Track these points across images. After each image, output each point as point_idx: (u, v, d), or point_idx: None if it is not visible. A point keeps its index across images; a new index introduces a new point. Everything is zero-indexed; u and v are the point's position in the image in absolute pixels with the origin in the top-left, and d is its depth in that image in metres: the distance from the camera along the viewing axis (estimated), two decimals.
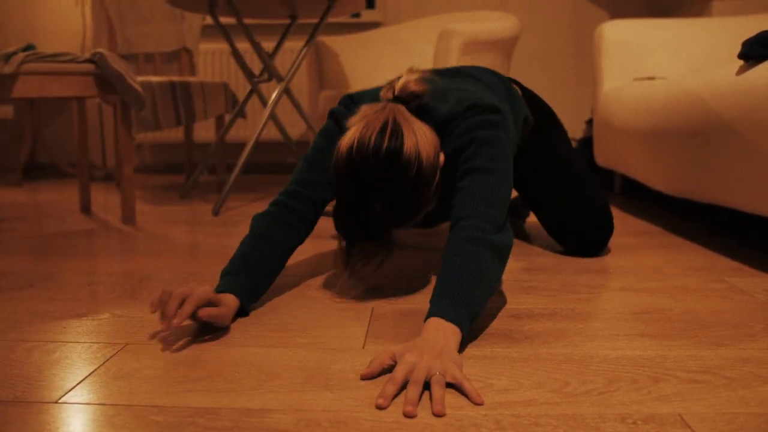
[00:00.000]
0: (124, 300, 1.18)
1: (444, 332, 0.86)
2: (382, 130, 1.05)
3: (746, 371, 0.84)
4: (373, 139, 1.04)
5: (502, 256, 1.02)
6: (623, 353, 0.91)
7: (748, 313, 1.09)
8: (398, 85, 1.15)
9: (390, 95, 1.16)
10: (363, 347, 0.94)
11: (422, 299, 1.18)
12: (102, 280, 1.32)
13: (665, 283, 1.28)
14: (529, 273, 1.37)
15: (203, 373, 0.84)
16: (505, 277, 1.34)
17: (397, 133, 1.04)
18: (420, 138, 1.07)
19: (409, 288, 1.26)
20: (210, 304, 0.98)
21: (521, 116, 1.42)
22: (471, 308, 0.91)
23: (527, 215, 1.91)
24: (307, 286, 1.28)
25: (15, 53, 1.79)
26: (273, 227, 1.16)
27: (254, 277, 1.09)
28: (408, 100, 1.15)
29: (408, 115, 1.10)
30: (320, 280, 1.32)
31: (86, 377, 0.83)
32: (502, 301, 1.17)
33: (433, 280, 1.32)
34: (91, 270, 1.42)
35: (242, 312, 1.08)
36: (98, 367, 0.86)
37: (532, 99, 1.58)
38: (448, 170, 1.15)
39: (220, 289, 1.04)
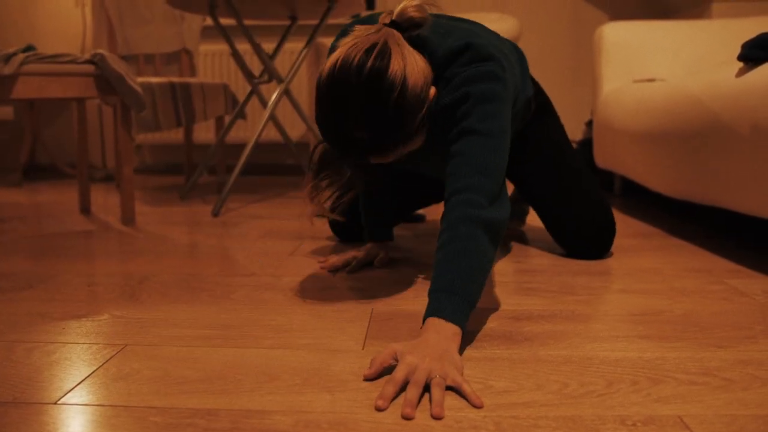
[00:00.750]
0: (124, 301, 1.18)
1: (445, 333, 0.86)
2: (369, 49, 1.01)
3: (746, 373, 0.84)
4: (358, 57, 1.00)
5: (498, 233, 1.00)
6: (623, 355, 0.91)
7: (747, 314, 1.09)
8: (397, 10, 1.09)
9: (387, 20, 1.09)
10: (363, 348, 0.94)
11: (422, 301, 1.18)
12: (101, 281, 1.32)
13: (664, 284, 1.28)
14: (529, 274, 1.37)
15: (202, 375, 0.84)
16: (504, 278, 1.34)
17: (384, 54, 1.00)
18: (409, 63, 1.02)
19: (409, 289, 1.26)
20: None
21: (529, 94, 1.41)
22: (471, 300, 0.92)
23: (526, 213, 1.90)
24: (307, 287, 1.28)
25: (15, 54, 1.79)
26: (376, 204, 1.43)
27: (385, 223, 1.46)
28: (406, 27, 1.09)
29: (401, 41, 1.05)
30: (319, 281, 1.32)
31: (85, 378, 0.83)
32: (502, 302, 1.17)
33: None
34: (91, 271, 1.41)
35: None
36: (97, 368, 0.86)
37: (535, 84, 1.56)
38: (443, 121, 1.12)
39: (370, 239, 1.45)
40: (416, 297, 1.20)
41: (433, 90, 1.09)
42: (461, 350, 0.91)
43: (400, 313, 1.11)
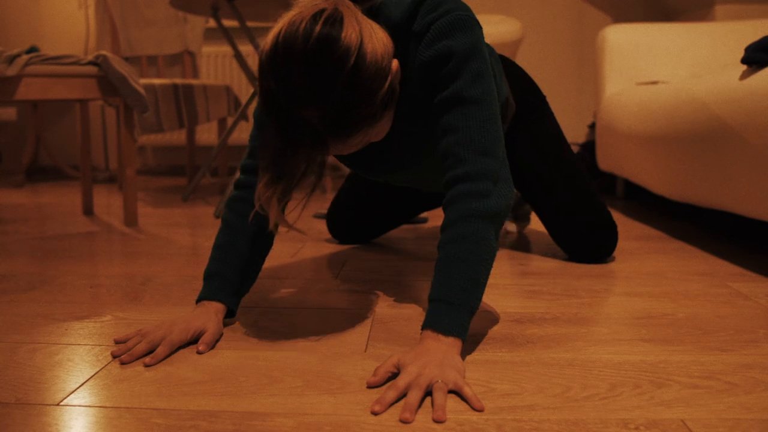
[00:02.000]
0: (126, 302, 1.18)
1: (444, 344, 0.84)
2: (316, 15, 0.85)
3: (749, 377, 0.84)
4: (303, 24, 0.84)
5: (502, 219, 0.95)
6: (625, 358, 0.91)
7: (750, 318, 1.08)
8: None
9: None
10: (365, 351, 0.94)
11: (424, 305, 1.18)
12: (104, 283, 1.32)
13: (668, 288, 1.28)
14: (531, 277, 1.37)
15: (205, 377, 0.84)
16: (506, 281, 1.34)
17: (334, 19, 0.84)
18: (365, 29, 0.87)
19: (411, 291, 1.26)
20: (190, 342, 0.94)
21: (504, 95, 1.31)
22: (471, 308, 0.88)
23: (528, 213, 1.89)
24: (308, 290, 1.28)
25: (18, 55, 1.79)
26: (244, 217, 1.07)
27: (235, 276, 1.03)
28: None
29: (355, 8, 0.90)
30: (321, 284, 1.32)
31: (88, 379, 0.83)
32: (505, 305, 1.17)
33: None
34: (94, 272, 1.42)
35: (229, 314, 1.04)
36: (100, 370, 0.86)
37: (520, 78, 1.46)
38: (424, 84, 1.00)
39: (202, 296, 1.02)
40: (418, 300, 1.20)
41: (395, 63, 0.93)
42: (463, 353, 0.91)
43: (402, 316, 1.10)
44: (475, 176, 0.93)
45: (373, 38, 0.88)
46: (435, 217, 2.15)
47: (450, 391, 0.78)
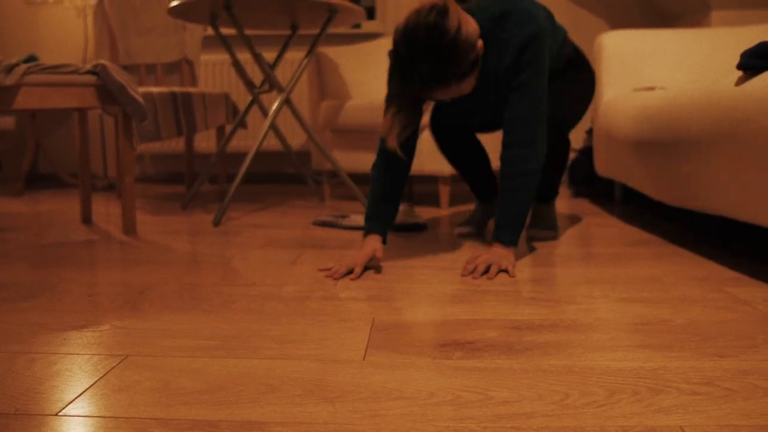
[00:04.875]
0: (125, 311, 1.18)
1: (505, 250, 1.49)
2: (432, 8, 1.34)
3: (747, 382, 0.84)
4: (423, 13, 1.34)
5: (539, 170, 1.51)
6: (624, 365, 0.91)
7: (748, 323, 1.08)
8: None
9: None
10: (363, 359, 0.94)
11: (423, 311, 1.18)
12: (103, 291, 1.32)
13: (666, 293, 1.28)
14: (530, 284, 1.37)
15: (203, 386, 0.84)
16: (505, 288, 1.34)
17: (443, 11, 1.34)
18: (462, 18, 1.37)
19: (410, 299, 1.26)
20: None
21: (560, 37, 1.74)
22: (521, 229, 1.51)
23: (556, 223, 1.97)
24: (308, 297, 1.28)
25: (17, 65, 1.80)
26: (387, 171, 1.55)
27: (387, 216, 1.56)
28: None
29: (456, 5, 1.38)
30: (320, 291, 1.32)
31: (87, 389, 0.83)
32: (503, 312, 1.17)
33: (434, 290, 1.32)
34: (92, 281, 1.42)
35: (384, 240, 1.55)
36: (99, 379, 0.86)
37: (572, 50, 1.83)
38: (507, 77, 1.53)
39: (366, 233, 1.55)
40: (416, 307, 1.20)
41: (480, 42, 1.43)
42: (460, 361, 0.91)
43: (400, 323, 1.11)
44: (522, 144, 1.51)
45: (466, 23, 1.38)
46: (432, 225, 2.15)
47: (501, 271, 1.44)
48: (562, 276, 1.44)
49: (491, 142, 2.55)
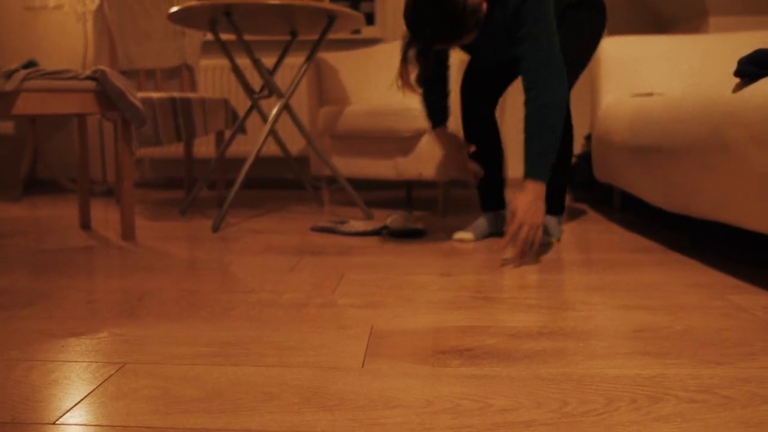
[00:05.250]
0: (123, 318, 1.18)
1: (538, 188, 1.63)
2: None
3: (746, 390, 0.84)
4: None
5: (562, 101, 1.63)
6: (622, 372, 0.91)
7: (747, 331, 1.08)
8: None
9: None
10: (362, 366, 0.94)
11: (421, 319, 1.18)
12: (101, 298, 1.32)
13: (665, 300, 1.28)
14: (529, 290, 1.37)
15: (201, 394, 0.84)
16: (504, 294, 1.34)
17: None
18: None
19: (408, 305, 1.26)
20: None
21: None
22: (549, 162, 1.63)
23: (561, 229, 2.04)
24: (307, 304, 1.28)
25: (16, 70, 1.80)
26: (431, 95, 1.93)
27: (443, 115, 1.96)
28: None
29: None
30: (319, 298, 1.32)
31: (84, 398, 0.83)
32: (502, 319, 1.17)
33: (433, 297, 1.32)
34: (91, 287, 1.42)
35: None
36: (96, 387, 0.86)
37: None
38: (509, 27, 1.71)
39: (435, 126, 1.96)
40: (415, 314, 1.20)
41: (484, 5, 1.63)
42: (459, 368, 0.91)
43: (399, 330, 1.11)
44: (541, 84, 1.64)
45: None
46: (432, 231, 2.16)
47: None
48: (562, 282, 1.44)
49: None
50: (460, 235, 1.96)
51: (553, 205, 2.01)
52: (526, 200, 1.61)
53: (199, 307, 1.26)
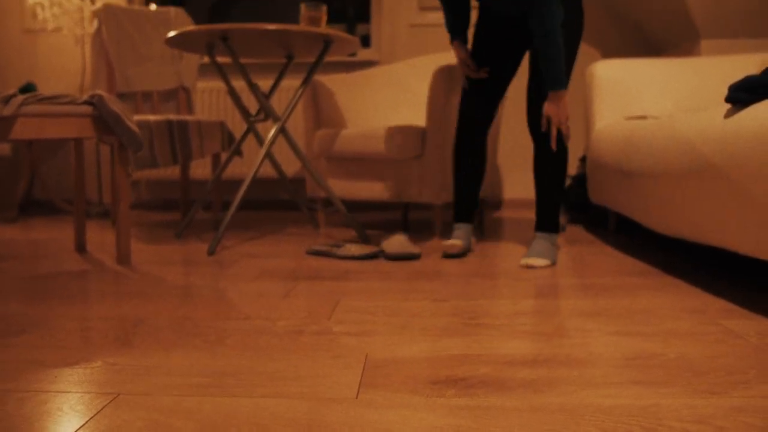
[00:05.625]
0: (118, 347, 1.18)
1: (558, 95, 1.92)
2: None
3: (740, 421, 0.84)
4: None
5: (558, 26, 1.87)
6: (617, 402, 0.91)
7: (741, 357, 1.09)
8: None
9: None
10: (356, 397, 0.93)
11: (416, 346, 1.18)
12: (95, 326, 1.32)
13: (658, 326, 1.28)
14: (523, 316, 1.37)
15: (194, 426, 0.84)
16: (498, 320, 1.34)
17: None
18: None
19: (403, 332, 1.26)
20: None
21: None
22: (561, 72, 1.89)
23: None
24: (302, 331, 1.28)
25: (14, 95, 1.81)
26: (452, 11, 2.19)
27: (462, 27, 2.21)
28: None
29: None
30: (314, 325, 1.32)
31: (77, 430, 0.82)
32: (496, 346, 1.17)
33: (427, 324, 1.32)
34: (85, 314, 1.41)
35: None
36: (89, 420, 0.86)
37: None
38: None
39: (453, 39, 2.21)
40: (410, 342, 1.20)
41: None
42: (453, 399, 0.91)
43: (393, 359, 1.10)
44: (535, 12, 1.85)
45: None
46: (426, 254, 2.16)
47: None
48: (556, 308, 1.44)
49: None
50: (448, 243, 2.06)
51: (547, 224, 2.08)
52: (551, 105, 1.94)
53: (194, 335, 1.25)
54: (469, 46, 2.85)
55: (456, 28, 2.21)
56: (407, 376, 1.02)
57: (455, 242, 2.06)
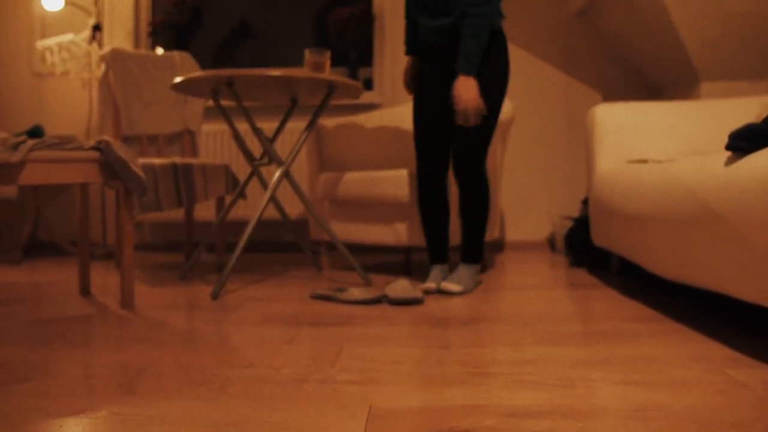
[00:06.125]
0: (121, 395, 1.18)
1: (467, 79, 2.10)
2: None
3: None
4: None
5: (489, 20, 2.11)
6: None
7: (747, 409, 1.08)
8: None
9: None
10: None
11: (420, 396, 1.18)
12: (99, 372, 1.32)
13: (664, 375, 1.28)
14: (526, 365, 1.37)
15: None
16: (500, 369, 1.34)
17: None
18: None
19: (407, 381, 1.25)
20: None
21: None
22: (476, 59, 2.10)
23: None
24: (306, 380, 1.27)
25: (23, 142, 1.83)
26: (411, 29, 2.44)
27: (415, 44, 2.44)
28: None
29: None
30: (318, 373, 1.32)
31: None
32: (499, 396, 1.16)
33: (431, 372, 1.31)
34: (88, 360, 1.41)
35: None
36: None
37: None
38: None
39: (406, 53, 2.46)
40: (414, 391, 1.20)
41: None
42: None
43: (397, 410, 1.10)
44: (474, 9, 2.09)
45: None
46: (431, 298, 2.16)
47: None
48: (560, 356, 1.43)
49: None
50: (424, 286, 2.23)
51: (469, 256, 2.30)
52: (460, 87, 2.10)
53: (198, 383, 1.25)
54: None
55: (412, 45, 2.43)
56: (412, 427, 1.02)
57: (430, 285, 2.23)
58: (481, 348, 1.51)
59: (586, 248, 2.96)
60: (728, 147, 1.46)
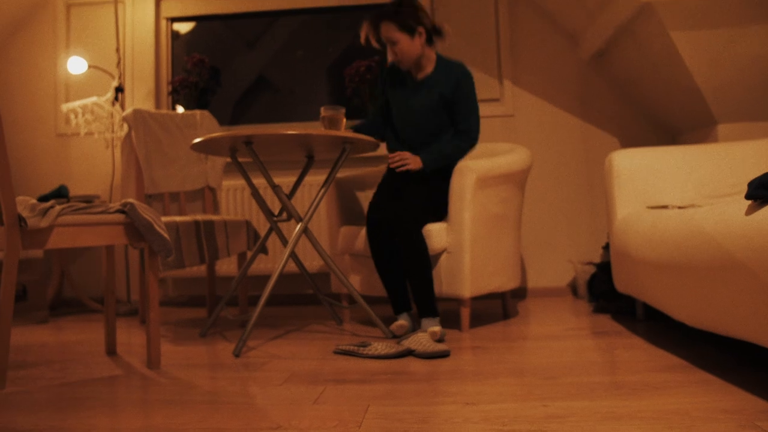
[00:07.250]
0: None
1: (419, 160, 2.52)
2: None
3: None
4: None
5: (468, 147, 2.57)
6: None
7: None
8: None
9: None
10: None
11: None
12: None
13: (694, 429, 1.26)
14: (555, 420, 1.35)
15: None
16: (531, 426, 1.32)
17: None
18: (426, 18, 2.55)
19: None
20: None
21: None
22: (437, 163, 2.53)
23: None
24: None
25: (51, 207, 1.88)
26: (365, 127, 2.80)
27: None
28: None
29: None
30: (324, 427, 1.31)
31: None
32: None
33: (458, 430, 1.30)
34: (115, 425, 1.42)
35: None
36: None
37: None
38: (449, 81, 2.57)
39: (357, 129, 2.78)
40: None
41: (433, 55, 2.62)
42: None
43: None
44: (464, 132, 2.57)
45: (428, 20, 2.57)
46: (456, 350, 2.15)
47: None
48: (588, 410, 1.42)
49: None
50: (397, 324, 2.38)
51: (427, 310, 2.37)
52: (412, 157, 2.51)
53: None
54: None
55: (361, 129, 2.78)
56: None
57: (402, 323, 2.39)
58: (506, 403, 1.49)
59: (609, 294, 2.94)
60: (748, 196, 1.46)
